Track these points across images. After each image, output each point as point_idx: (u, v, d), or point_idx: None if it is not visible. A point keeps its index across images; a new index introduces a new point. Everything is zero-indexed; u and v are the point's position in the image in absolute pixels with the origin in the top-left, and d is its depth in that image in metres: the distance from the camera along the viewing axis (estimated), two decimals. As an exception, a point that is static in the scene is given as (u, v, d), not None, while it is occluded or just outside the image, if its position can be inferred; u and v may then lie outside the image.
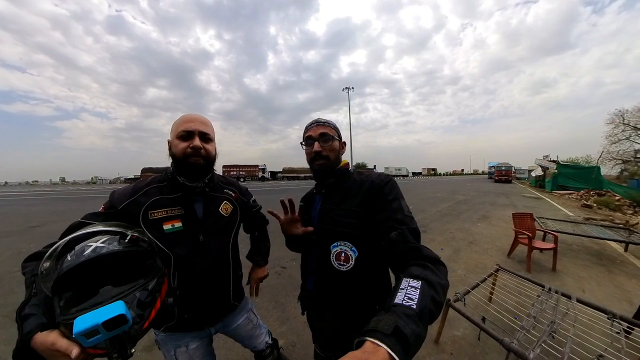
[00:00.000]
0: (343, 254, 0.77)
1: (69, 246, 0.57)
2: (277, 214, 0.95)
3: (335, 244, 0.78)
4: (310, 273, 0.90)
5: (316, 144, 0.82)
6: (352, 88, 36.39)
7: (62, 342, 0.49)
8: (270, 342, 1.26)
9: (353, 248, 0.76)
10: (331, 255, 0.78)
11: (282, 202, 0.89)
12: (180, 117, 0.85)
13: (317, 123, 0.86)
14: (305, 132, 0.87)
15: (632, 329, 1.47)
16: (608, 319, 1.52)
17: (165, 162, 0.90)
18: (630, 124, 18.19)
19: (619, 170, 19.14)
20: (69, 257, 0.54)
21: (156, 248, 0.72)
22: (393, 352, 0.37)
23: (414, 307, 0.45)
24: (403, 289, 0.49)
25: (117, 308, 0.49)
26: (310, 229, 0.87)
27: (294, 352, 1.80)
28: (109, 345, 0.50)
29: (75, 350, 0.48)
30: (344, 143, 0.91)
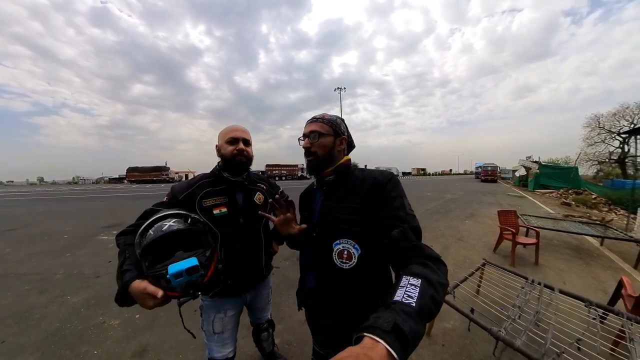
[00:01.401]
0: (345, 252, 0.76)
1: (150, 225, 0.80)
2: (269, 216, 0.97)
3: (338, 241, 0.77)
4: (310, 270, 0.89)
5: (306, 140, 0.85)
6: (344, 88, 36.52)
7: (151, 287, 0.70)
8: (269, 318, 1.46)
9: (356, 246, 0.75)
10: (333, 252, 0.77)
11: (273, 204, 0.90)
12: (227, 127, 1.10)
13: (312, 120, 0.87)
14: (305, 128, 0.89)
15: (607, 315, 1.57)
16: (585, 306, 1.62)
17: (153, 162, 1.04)
18: (605, 128, 19.29)
19: (595, 170, 20.30)
20: (151, 232, 0.77)
21: (208, 228, 0.92)
22: (392, 348, 0.37)
23: (413, 304, 0.45)
24: (403, 286, 0.49)
25: (193, 260, 0.74)
26: (304, 226, 0.88)
27: (290, 351, 1.80)
28: (184, 288, 0.73)
29: (160, 292, 0.70)
30: (344, 139, 0.88)
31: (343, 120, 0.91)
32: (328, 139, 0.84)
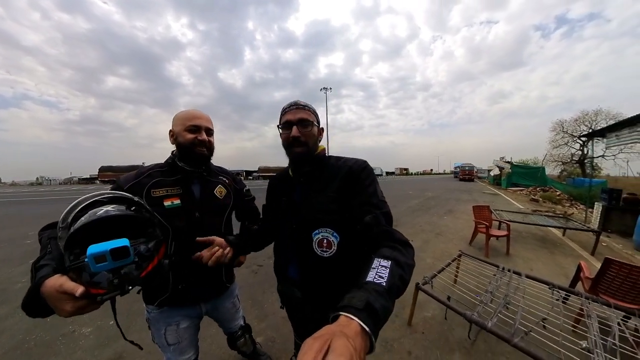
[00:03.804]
0: (325, 241, 0.76)
1: (82, 212, 0.64)
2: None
3: (317, 231, 0.77)
4: (290, 261, 0.88)
5: (294, 128, 0.77)
6: (330, 89, 36.67)
7: (70, 284, 0.54)
8: (243, 324, 1.34)
9: (335, 234, 0.76)
10: (313, 242, 0.77)
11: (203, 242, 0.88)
12: (186, 112, 0.96)
13: (297, 106, 0.80)
14: (282, 114, 0.82)
15: (569, 296, 1.73)
16: (549, 289, 1.77)
17: (129, 160, 0.92)
18: (568, 132, 21.34)
19: (560, 170, 22.23)
20: (83, 218, 0.61)
21: (157, 220, 0.78)
22: (365, 324, 0.40)
23: (384, 284, 0.48)
24: (374, 267, 0.53)
25: (122, 241, 0.59)
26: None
27: (274, 348, 1.79)
28: (111, 281, 0.57)
29: (80, 289, 0.53)
30: (322, 129, 0.87)
31: None
32: (315, 128, 0.81)
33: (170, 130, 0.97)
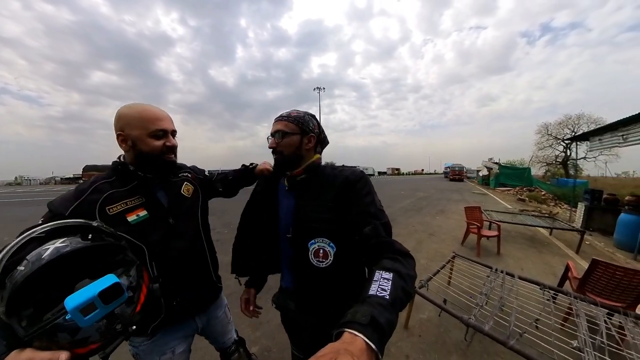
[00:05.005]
0: (321, 251, 0.75)
1: (15, 258, 0.47)
2: None
3: (313, 241, 0.76)
4: (284, 270, 0.87)
5: (271, 139, 0.83)
6: (324, 88, 36.77)
7: (42, 355, 0.42)
8: (236, 338, 1.26)
9: (331, 244, 0.75)
10: (309, 252, 0.77)
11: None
12: (143, 111, 0.78)
13: (279, 118, 0.84)
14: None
15: (557, 295, 1.78)
16: (540, 289, 1.82)
17: (114, 158, 0.85)
18: (552, 135, 22.35)
19: (544, 171, 23.08)
20: (21, 268, 0.45)
21: (124, 242, 0.65)
22: (370, 341, 0.38)
23: (387, 297, 0.47)
24: (376, 280, 0.52)
25: (109, 278, 0.47)
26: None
27: (270, 357, 1.75)
28: (104, 331, 0.47)
29: (64, 355, 0.42)
30: (312, 136, 0.84)
31: (313, 116, 0.87)
32: (294, 138, 0.81)
33: (120, 134, 0.78)
